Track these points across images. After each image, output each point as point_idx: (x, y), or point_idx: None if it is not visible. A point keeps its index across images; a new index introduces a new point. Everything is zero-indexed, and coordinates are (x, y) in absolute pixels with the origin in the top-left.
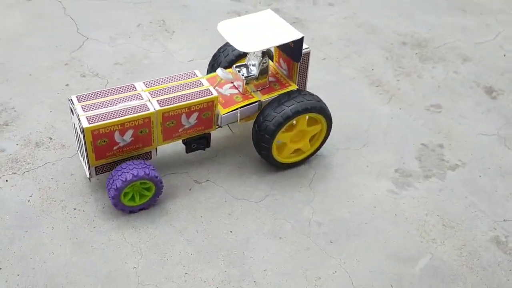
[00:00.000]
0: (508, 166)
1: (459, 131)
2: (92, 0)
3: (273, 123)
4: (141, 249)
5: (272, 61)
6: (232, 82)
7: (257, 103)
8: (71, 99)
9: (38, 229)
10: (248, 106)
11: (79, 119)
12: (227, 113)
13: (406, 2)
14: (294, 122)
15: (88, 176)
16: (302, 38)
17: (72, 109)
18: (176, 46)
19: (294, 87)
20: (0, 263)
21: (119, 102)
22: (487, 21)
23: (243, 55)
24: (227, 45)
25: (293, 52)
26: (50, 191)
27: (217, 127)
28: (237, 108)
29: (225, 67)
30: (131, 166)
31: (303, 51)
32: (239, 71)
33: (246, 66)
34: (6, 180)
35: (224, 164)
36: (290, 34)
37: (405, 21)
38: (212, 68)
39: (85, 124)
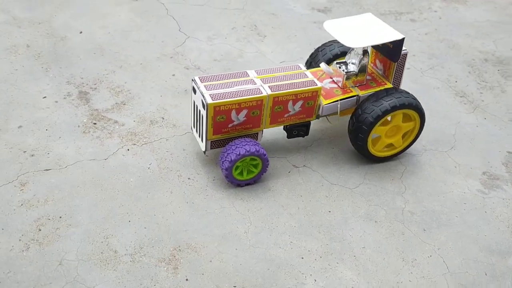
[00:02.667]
0: None
1: None
2: (191, 5)
3: (371, 115)
4: (249, 218)
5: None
6: (331, 77)
7: (355, 97)
8: (195, 79)
9: (159, 192)
10: (347, 99)
11: (203, 96)
12: (329, 103)
13: (484, 23)
14: (389, 118)
15: (203, 149)
16: (403, 39)
17: (195, 87)
18: (268, 49)
19: (389, 85)
20: (129, 216)
21: (236, 85)
22: None
23: (340, 54)
24: (325, 45)
25: (391, 53)
26: (166, 162)
27: (316, 117)
28: (338, 100)
29: None
30: (244, 142)
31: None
32: (339, 67)
33: (345, 63)
34: (128, 149)
35: (318, 153)
36: (392, 35)
37: (484, 40)
38: (310, 66)
39: (209, 100)
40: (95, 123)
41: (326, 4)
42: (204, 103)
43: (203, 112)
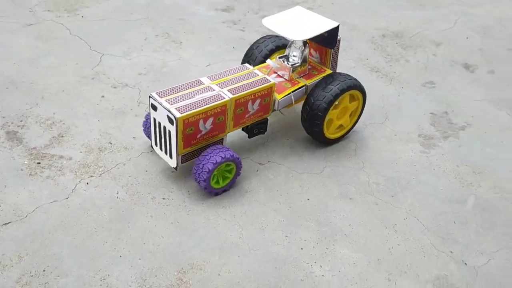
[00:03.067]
0: (503, 124)
1: (455, 100)
2: (92, 21)
3: (324, 101)
4: (238, 223)
5: None
6: (276, 72)
7: (304, 87)
8: (152, 96)
9: (138, 219)
10: (298, 90)
11: (169, 111)
12: (283, 97)
13: (370, 2)
14: (337, 102)
15: (174, 166)
16: (338, 26)
17: (156, 104)
18: (188, 55)
19: (329, 71)
20: (118, 252)
21: (196, 94)
22: (443, 12)
23: (275, 49)
24: (258, 42)
25: (327, 40)
26: (134, 187)
27: (271, 111)
28: (291, 92)
29: (261, 62)
30: (216, 150)
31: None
32: (283, 61)
33: (286, 56)
34: (87, 183)
35: (276, 147)
36: (328, 23)
37: (376, 18)
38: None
39: (177, 114)
40: (39, 163)
41: (227, 3)
42: (173, 117)
43: (171, 128)
